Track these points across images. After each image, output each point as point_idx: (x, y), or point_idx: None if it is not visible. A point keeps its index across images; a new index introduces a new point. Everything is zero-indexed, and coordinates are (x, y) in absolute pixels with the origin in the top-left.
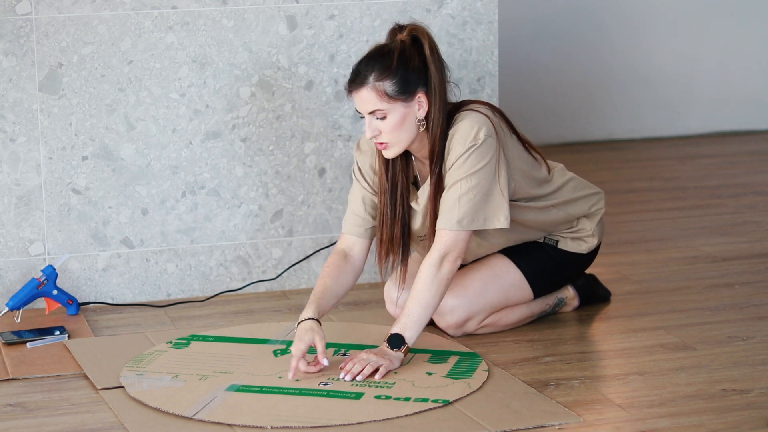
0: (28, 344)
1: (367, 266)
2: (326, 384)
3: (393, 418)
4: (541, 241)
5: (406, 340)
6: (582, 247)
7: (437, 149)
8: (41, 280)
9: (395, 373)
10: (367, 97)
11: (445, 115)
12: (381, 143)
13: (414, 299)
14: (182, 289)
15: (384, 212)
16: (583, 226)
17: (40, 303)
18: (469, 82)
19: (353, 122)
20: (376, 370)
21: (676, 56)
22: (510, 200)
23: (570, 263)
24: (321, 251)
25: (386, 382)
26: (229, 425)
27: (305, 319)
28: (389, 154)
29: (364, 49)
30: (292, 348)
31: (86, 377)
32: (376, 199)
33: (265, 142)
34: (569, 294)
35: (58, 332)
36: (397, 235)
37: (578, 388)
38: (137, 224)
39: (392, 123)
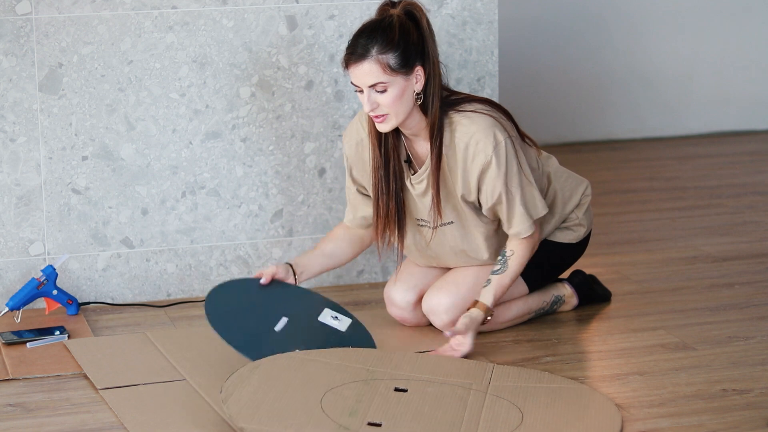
0: (28, 344)
1: (367, 266)
2: None
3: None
4: None
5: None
6: (571, 237)
7: (437, 122)
8: (41, 280)
9: None
10: (369, 71)
11: (441, 91)
12: (379, 116)
13: (511, 276)
14: (182, 289)
15: (379, 187)
16: (571, 215)
17: (40, 303)
18: (469, 82)
19: None
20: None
21: (676, 56)
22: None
23: (560, 254)
24: None
25: None
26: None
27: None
28: (385, 127)
29: None
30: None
31: (86, 377)
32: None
33: (265, 142)
34: (567, 292)
35: (58, 332)
36: (392, 211)
37: None
38: (137, 224)
39: (392, 96)
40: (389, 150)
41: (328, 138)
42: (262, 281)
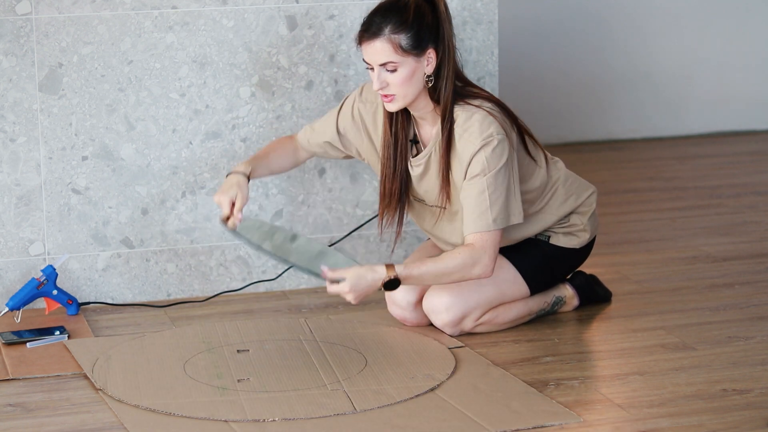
0: (28, 344)
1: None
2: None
3: (392, 417)
4: (533, 237)
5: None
6: (574, 242)
7: (449, 107)
8: (41, 280)
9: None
10: (380, 49)
11: (454, 76)
12: (387, 95)
13: (435, 265)
14: (182, 289)
15: (387, 166)
16: (575, 221)
17: (40, 303)
18: None
19: None
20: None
21: (676, 56)
22: None
23: (563, 258)
24: None
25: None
26: (226, 422)
27: (235, 173)
28: (393, 107)
29: None
30: (215, 198)
31: (86, 377)
32: (340, 145)
33: (265, 142)
34: (568, 293)
35: (58, 332)
36: (396, 191)
37: (578, 388)
38: (137, 224)
39: (402, 76)
40: (398, 129)
41: None
42: (223, 219)
